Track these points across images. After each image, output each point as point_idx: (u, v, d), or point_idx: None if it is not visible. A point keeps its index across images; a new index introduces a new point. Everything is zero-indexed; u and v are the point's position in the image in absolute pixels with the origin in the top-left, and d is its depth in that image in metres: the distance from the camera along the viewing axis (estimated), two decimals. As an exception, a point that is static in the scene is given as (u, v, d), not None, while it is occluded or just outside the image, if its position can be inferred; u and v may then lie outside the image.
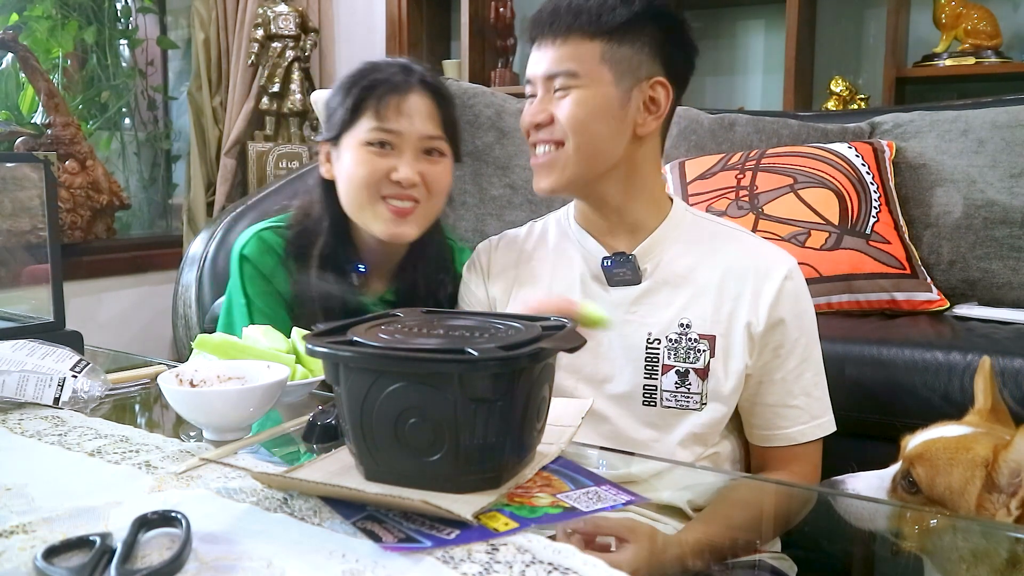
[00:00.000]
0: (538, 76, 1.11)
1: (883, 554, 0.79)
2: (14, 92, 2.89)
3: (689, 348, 1.09)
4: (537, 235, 1.25)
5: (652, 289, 1.12)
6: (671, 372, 1.09)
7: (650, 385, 1.10)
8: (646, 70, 1.09)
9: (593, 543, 0.75)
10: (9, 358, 0.95)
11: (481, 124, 2.26)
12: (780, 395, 1.11)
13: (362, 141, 1.19)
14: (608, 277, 1.13)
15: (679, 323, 1.10)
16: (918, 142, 1.99)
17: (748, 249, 1.15)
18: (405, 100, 1.19)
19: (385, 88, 1.19)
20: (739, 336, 1.09)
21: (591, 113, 1.08)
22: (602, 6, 1.07)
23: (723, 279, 1.11)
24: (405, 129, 1.19)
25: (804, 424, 1.11)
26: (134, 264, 2.85)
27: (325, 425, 0.83)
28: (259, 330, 1.03)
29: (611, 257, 1.13)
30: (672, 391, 1.09)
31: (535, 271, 1.21)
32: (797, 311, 1.11)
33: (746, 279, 1.11)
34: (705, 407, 1.09)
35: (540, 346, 0.68)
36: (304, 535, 0.63)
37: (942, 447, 0.90)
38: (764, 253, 1.15)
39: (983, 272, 1.85)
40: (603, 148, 1.10)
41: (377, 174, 1.18)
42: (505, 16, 3.05)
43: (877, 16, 2.63)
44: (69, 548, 0.59)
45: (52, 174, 1.12)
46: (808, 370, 1.12)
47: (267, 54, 3.11)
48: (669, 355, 1.09)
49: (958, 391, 1.46)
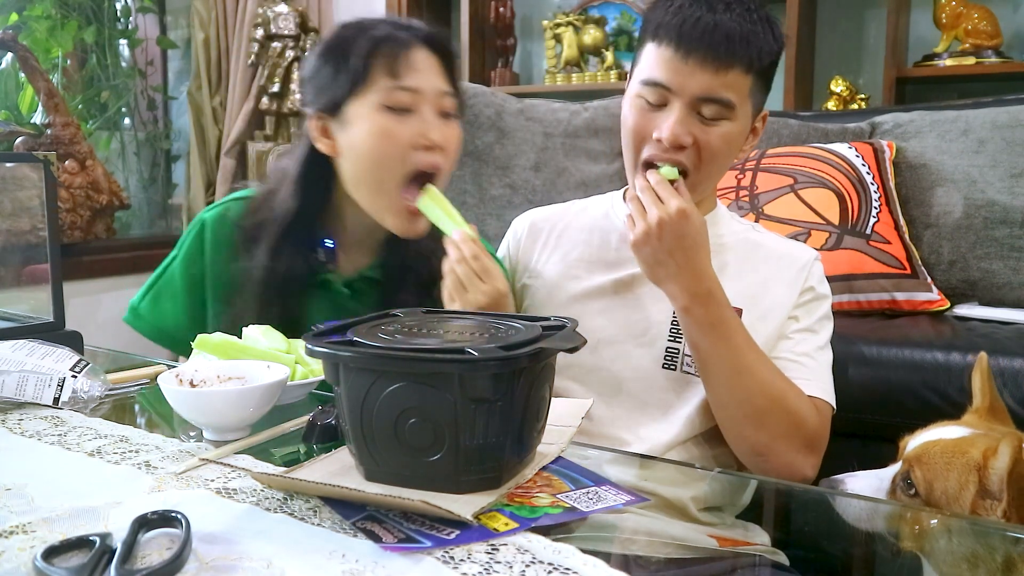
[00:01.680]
0: (687, 93, 1.04)
1: (883, 554, 0.79)
2: (14, 92, 2.89)
3: None
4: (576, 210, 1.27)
5: None
6: None
7: (672, 348, 1.11)
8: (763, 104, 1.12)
9: None
10: (9, 358, 0.95)
11: (481, 124, 2.26)
12: (780, 350, 1.12)
13: (378, 104, 1.07)
14: None
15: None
16: (918, 142, 1.99)
17: (777, 243, 1.21)
18: (418, 55, 1.08)
19: (392, 44, 1.07)
20: (764, 313, 1.12)
21: (731, 148, 1.09)
22: (762, 41, 1.05)
23: (753, 264, 1.15)
24: (424, 86, 1.08)
25: (804, 379, 1.09)
26: (134, 264, 2.85)
27: (325, 425, 0.83)
28: (259, 330, 1.03)
29: None
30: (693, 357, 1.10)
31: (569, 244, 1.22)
32: (820, 289, 1.16)
33: (775, 265, 1.16)
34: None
35: (540, 346, 0.68)
36: (304, 535, 0.63)
37: (940, 450, 0.90)
38: (793, 244, 1.23)
39: (983, 272, 1.85)
40: (718, 178, 1.16)
41: (403, 142, 1.07)
42: (505, 16, 3.04)
43: (877, 16, 2.63)
44: (69, 548, 0.58)
45: (52, 174, 1.12)
46: (813, 340, 1.14)
47: (267, 54, 3.11)
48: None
49: (958, 391, 1.46)
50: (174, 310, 1.21)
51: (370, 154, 1.08)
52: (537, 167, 2.26)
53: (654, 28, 1.07)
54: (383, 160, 1.08)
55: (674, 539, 0.80)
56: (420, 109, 1.08)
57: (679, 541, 0.81)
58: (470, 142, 2.26)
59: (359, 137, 1.08)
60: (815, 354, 1.14)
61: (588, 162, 2.30)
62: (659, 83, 1.05)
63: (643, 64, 1.08)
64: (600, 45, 2.97)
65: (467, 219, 1.13)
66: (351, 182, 1.13)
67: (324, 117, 1.12)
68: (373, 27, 1.10)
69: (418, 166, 1.09)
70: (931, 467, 0.89)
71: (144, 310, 1.23)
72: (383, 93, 1.07)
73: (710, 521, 0.94)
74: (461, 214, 1.12)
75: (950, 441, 0.90)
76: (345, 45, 1.09)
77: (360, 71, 1.07)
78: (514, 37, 3.11)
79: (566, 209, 1.29)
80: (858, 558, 0.79)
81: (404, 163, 1.08)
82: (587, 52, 3.00)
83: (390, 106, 1.07)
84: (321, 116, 1.12)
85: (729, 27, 1.03)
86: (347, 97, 1.08)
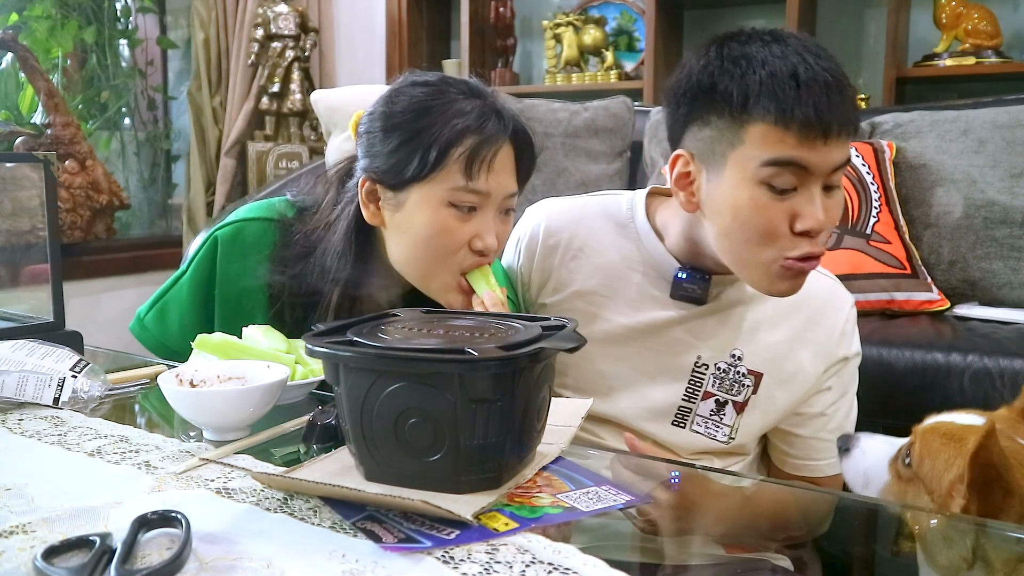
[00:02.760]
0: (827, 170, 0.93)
1: (883, 554, 0.79)
2: (14, 92, 2.89)
3: (735, 380, 1.08)
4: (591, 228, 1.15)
5: (712, 312, 1.08)
6: (710, 399, 1.08)
7: (685, 407, 1.08)
8: None
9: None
10: (9, 358, 0.95)
11: (481, 124, 2.26)
12: (815, 428, 1.11)
13: (443, 200, 1.00)
14: (675, 288, 1.07)
15: (731, 353, 1.08)
16: (918, 142, 1.99)
17: (810, 287, 1.05)
18: (497, 155, 1.01)
19: (478, 139, 0.99)
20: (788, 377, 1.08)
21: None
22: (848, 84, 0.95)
23: (784, 314, 1.09)
24: (494, 190, 1.01)
25: (834, 458, 1.08)
26: (134, 264, 2.85)
27: (325, 425, 0.83)
28: (259, 330, 1.03)
29: (688, 270, 1.06)
30: (705, 417, 1.08)
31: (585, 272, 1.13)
32: (854, 352, 1.11)
33: (808, 317, 1.09)
34: (731, 442, 1.08)
35: (540, 346, 0.68)
36: (304, 535, 0.63)
37: (942, 431, 0.91)
38: (826, 291, 1.11)
39: (983, 272, 1.85)
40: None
41: (460, 242, 1.02)
42: (505, 16, 3.05)
43: (877, 16, 2.63)
44: (69, 548, 0.58)
45: (52, 174, 1.11)
46: (845, 405, 1.12)
47: (267, 54, 3.11)
48: (714, 383, 1.08)
49: (958, 391, 1.46)
50: (179, 326, 1.18)
51: (424, 244, 1.03)
52: (537, 167, 2.26)
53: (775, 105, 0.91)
54: (435, 252, 1.03)
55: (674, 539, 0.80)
56: (484, 210, 1.03)
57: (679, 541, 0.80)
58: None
59: (417, 223, 1.02)
60: (845, 421, 1.12)
61: (588, 162, 2.30)
62: (796, 162, 0.92)
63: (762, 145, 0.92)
64: (600, 45, 2.97)
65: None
66: (397, 258, 1.08)
67: (379, 186, 1.05)
68: (456, 107, 1.00)
69: (466, 269, 1.04)
70: (928, 445, 0.90)
71: (149, 322, 1.20)
72: (453, 191, 1.00)
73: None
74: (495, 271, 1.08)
75: (957, 425, 0.91)
76: (423, 122, 1.00)
77: (435, 161, 0.99)
78: (514, 37, 3.11)
79: (582, 214, 1.16)
80: (859, 559, 0.79)
81: (453, 262, 1.04)
82: (587, 52, 3.00)
83: (455, 204, 1.01)
84: (375, 182, 1.05)
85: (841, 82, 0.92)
86: (414, 180, 1.01)
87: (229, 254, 1.14)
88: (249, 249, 1.13)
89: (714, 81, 0.95)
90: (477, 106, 1.02)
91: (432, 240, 1.02)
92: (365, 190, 1.06)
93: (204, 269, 1.16)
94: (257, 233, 1.14)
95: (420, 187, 1.01)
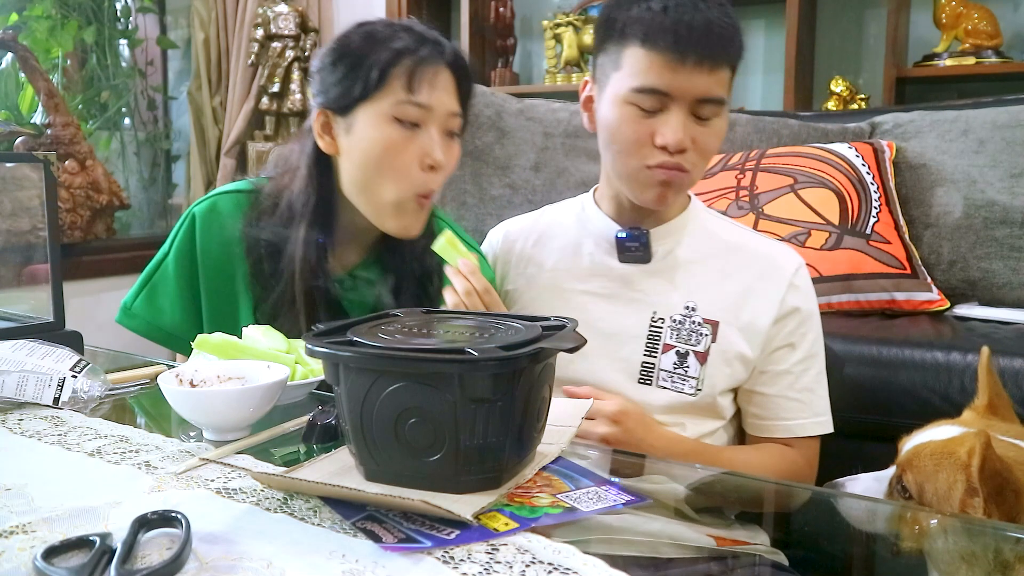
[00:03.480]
0: (688, 96, 1.04)
1: (882, 554, 0.79)
2: (14, 92, 2.89)
3: (692, 330, 1.11)
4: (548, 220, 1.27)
5: (662, 270, 1.15)
6: (671, 352, 1.11)
7: (648, 363, 1.12)
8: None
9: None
10: (9, 358, 0.95)
11: (481, 124, 2.26)
12: (781, 387, 1.12)
13: (387, 115, 1.07)
14: (620, 251, 1.15)
15: (685, 305, 1.12)
16: (918, 142, 1.99)
17: (759, 245, 1.19)
18: (437, 75, 1.09)
19: (416, 58, 1.07)
20: (744, 326, 1.11)
21: (720, 142, 1.10)
22: (735, 34, 1.06)
23: (733, 270, 1.14)
24: (435, 104, 1.08)
25: (804, 419, 1.12)
26: (134, 264, 2.83)
27: (325, 425, 0.83)
28: (259, 330, 1.03)
29: (626, 231, 1.15)
30: (669, 371, 1.10)
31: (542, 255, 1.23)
32: (808, 306, 1.15)
33: (757, 272, 1.14)
34: (699, 394, 1.10)
35: (540, 346, 0.68)
36: (304, 535, 0.63)
37: (929, 452, 0.90)
38: (775, 250, 1.19)
39: (983, 272, 1.85)
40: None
41: (408, 158, 1.08)
42: (505, 16, 3.04)
43: (877, 16, 2.63)
44: (69, 548, 0.58)
45: (52, 174, 1.11)
46: (813, 367, 1.14)
47: (267, 54, 3.11)
48: (671, 335, 1.11)
49: (958, 391, 1.46)
50: (170, 306, 1.20)
51: (374, 163, 1.09)
52: (537, 167, 2.26)
53: (642, 31, 1.03)
54: (385, 169, 1.09)
55: (673, 539, 0.80)
56: (428, 126, 1.09)
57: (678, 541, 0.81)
58: (470, 142, 2.26)
59: (364, 143, 1.09)
60: (815, 385, 1.14)
61: (588, 162, 2.30)
62: (657, 89, 1.04)
63: (631, 69, 1.05)
64: (600, 45, 2.97)
65: (467, 219, 1.14)
66: (349, 184, 1.13)
67: (330, 115, 1.12)
68: (397, 35, 1.09)
69: (417, 189, 1.10)
70: (921, 470, 0.89)
71: (139, 308, 1.22)
72: (396, 105, 1.07)
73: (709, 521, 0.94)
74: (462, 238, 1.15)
75: (939, 442, 0.90)
76: (366, 48, 1.08)
77: (377, 79, 1.06)
78: (514, 37, 3.11)
79: (538, 218, 1.29)
80: (857, 558, 0.79)
81: (405, 179, 1.09)
82: (587, 52, 3.00)
83: (400, 118, 1.07)
84: (327, 113, 1.12)
85: (719, 25, 1.03)
86: (359, 101, 1.08)
87: (207, 226, 1.18)
88: (226, 219, 1.18)
89: (609, 13, 1.09)
90: (416, 35, 1.10)
91: (381, 157, 1.08)
92: (320, 123, 1.12)
93: (185, 244, 1.19)
94: (232, 203, 1.20)
95: (366, 107, 1.08)
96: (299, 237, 1.14)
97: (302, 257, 1.13)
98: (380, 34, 1.09)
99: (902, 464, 0.92)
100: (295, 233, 1.14)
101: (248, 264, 1.17)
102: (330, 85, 1.10)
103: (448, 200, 2.22)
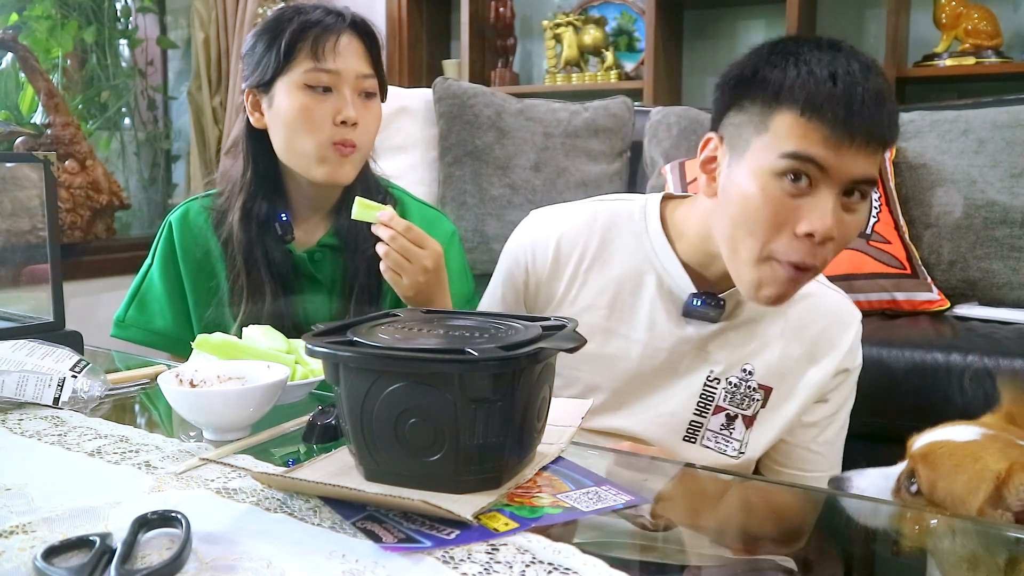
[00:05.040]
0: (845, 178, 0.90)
1: (883, 554, 0.79)
2: (14, 92, 2.89)
3: (745, 395, 1.08)
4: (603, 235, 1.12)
5: (724, 330, 1.08)
6: (721, 414, 1.08)
7: (696, 422, 1.08)
8: None
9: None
10: (9, 358, 0.95)
11: (481, 124, 2.26)
12: (805, 439, 1.11)
13: (300, 83, 1.18)
14: (688, 311, 1.07)
15: (743, 367, 1.08)
16: (918, 142, 1.99)
17: (823, 295, 1.12)
18: (339, 40, 1.19)
19: (319, 29, 1.18)
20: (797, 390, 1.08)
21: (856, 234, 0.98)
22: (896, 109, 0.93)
23: (797, 326, 1.09)
24: (343, 68, 1.18)
25: (820, 471, 1.11)
26: (134, 264, 2.82)
27: (325, 425, 0.83)
28: (259, 330, 1.03)
29: (702, 297, 1.05)
30: (715, 432, 1.08)
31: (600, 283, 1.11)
32: (856, 366, 1.12)
33: (821, 329, 1.09)
34: (741, 457, 1.08)
35: (540, 346, 0.68)
36: (304, 535, 0.63)
37: (948, 451, 0.89)
38: (841, 306, 1.12)
39: (983, 272, 1.85)
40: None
41: (322, 117, 1.18)
42: (505, 16, 3.04)
43: (877, 16, 2.63)
44: (69, 548, 0.58)
45: (52, 174, 1.12)
46: (838, 420, 1.13)
47: (267, 54, 3.11)
48: (725, 397, 1.08)
49: (958, 391, 1.46)
50: (161, 312, 1.29)
51: (292, 126, 1.19)
52: (537, 167, 2.26)
53: (804, 96, 0.89)
54: (303, 130, 1.18)
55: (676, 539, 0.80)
56: (340, 89, 1.19)
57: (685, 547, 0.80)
58: (470, 142, 2.26)
59: (283, 111, 1.19)
60: (836, 438, 1.13)
61: (588, 162, 2.30)
62: (815, 160, 0.89)
63: (783, 137, 0.91)
64: (600, 45, 2.97)
65: (467, 219, 1.14)
66: (280, 151, 1.23)
67: (256, 93, 1.23)
68: (305, 12, 1.20)
69: (332, 138, 1.19)
70: (937, 467, 0.88)
71: (132, 319, 1.30)
72: (305, 73, 1.18)
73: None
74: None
75: (961, 443, 0.89)
76: (276, 28, 1.20)
77: (287, 51, 1.18)
78: (514, 37, 3.11)
79: (594, 226, 1.13)
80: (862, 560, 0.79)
81: (320, 131, 1.18)
82: (587, 52, 3.00)
83: (311, 85, 1.18)
84: (253, 92, 1.23)
85: (890, 100, 0.90)
86: (275, 75, 1.19)
87: (183, 230, 1.29)
88: (199, 221, 1.29)
89: (756, 69, 0.94)
90: (321, 10, 1.21)
91: (298, 120, 1.18)
92: (249, 103, 1.24)
93: (167, 251, 1.30)
94: (202, 208, 1.31)
95: (281, 80, 1.19)
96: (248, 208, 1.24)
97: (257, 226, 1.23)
98: (288, 13, 1.21)
99: (915, 458, 0.91)
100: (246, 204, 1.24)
101: (224, 257, 1.26)
102: (251, 66, 1.23)
103: (448, 200, 2.22)
